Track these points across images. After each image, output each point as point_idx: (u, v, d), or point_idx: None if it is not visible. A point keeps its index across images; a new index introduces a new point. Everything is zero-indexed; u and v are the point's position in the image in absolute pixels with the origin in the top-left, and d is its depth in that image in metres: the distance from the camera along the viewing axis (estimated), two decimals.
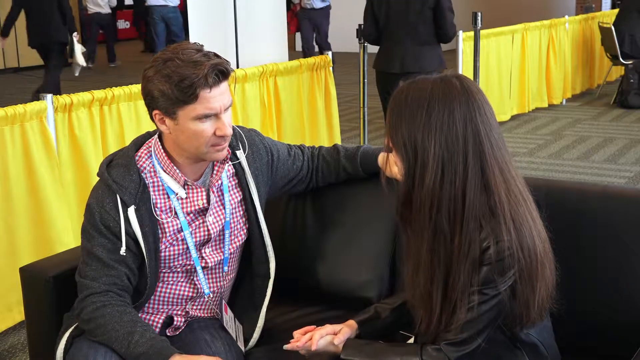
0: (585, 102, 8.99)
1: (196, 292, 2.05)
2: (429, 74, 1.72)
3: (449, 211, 1.64)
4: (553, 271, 1.73)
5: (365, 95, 5.43)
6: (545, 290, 1.70)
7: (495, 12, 13.55)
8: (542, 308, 1.72)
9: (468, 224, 1.63)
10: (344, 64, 9.99)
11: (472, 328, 1.66)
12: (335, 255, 2.29)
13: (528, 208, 1.68)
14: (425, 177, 1.64)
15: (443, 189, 1.63)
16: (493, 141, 1.65)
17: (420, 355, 1.70)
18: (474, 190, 1.63)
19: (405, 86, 1.70)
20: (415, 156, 1.65)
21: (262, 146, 2.15)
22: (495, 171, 1.64)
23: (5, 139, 3.35)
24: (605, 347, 2.03)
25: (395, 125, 1.67)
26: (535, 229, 1.68)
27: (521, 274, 1.64)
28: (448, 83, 1.66)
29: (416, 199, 1.67)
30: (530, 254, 1.64)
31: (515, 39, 7.83)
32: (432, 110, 1.63)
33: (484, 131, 1.64)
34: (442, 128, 1.62)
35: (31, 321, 2.21)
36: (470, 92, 1.66)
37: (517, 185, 1.68)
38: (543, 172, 5.90)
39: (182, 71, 1.81)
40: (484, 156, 1.63)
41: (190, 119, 1.85)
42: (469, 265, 1.64)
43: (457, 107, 1.63)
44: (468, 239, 1.63)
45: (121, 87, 3.84)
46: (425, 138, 1.63)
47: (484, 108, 1.66)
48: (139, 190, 1.92)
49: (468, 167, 1.63)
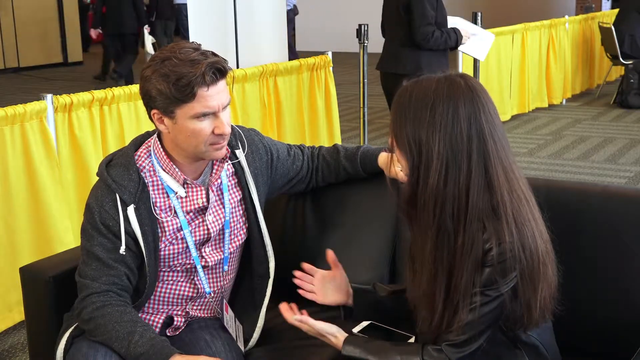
0: (585, 102, 8.99)
1: (196, 292, 2.05)
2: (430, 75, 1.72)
3: (453, 210, 1.64)
4: (555, 272, 1.72)
5: (365, 95, 5.43)
6: (547, 291, 1.70)
7: (495, 12, 13.56)
8: (545, 309, 1.72)
9: (471, 223, 1.63)
10: (344, 64, 9.99)
11: (473, 329, 1.65)
12: (336, 255, 2.29)
13: (530, 208, 1.68)
14: (430, 176, 1.64)
15: (447, 188, 1.63)
16: (497, 140, 1.65)
17: (421, 355, 1.70)
18: (477, 189, 1.63)
19: (410, 85, 1.70)
20: (420, 155, 1.65)
21: (261, 146, 2.15)
22: (499, 170, 1.64)
23: (5, 139, 3.35)
24: (605, 347, 2.03)
25: (400, 124, 1.67)
26: (538, 229, 1.67)
27: (523, 275, 1.64)
28: (452, 82, 1.66)
29: (420, 197, 1.67)
30: (532, 254, 1.64)
31: (515, 39, 7.83)
32: (437, 109, 1.63)
33: (488, 130, 1.64)
34: (446, 127, 1.62)
35: (31, 321, 2.21)
36: (475, 90, 1.66)
37: (520, 185, 1.68)
38: (543, 172, 5.90)
39: (179, 70, 1.81)
40: (487, 155, 1.64)
41: (188, 117, 1.85)
42: (471, 265, 1.64)
43: (462, 106, 1.63)
44: (471, 238, 1.63)
45: (121, 87, 3.84)
46: (429, 137, 1.63)
47: (488, 107, 1.66)
48: (139, 189, 1.92)
49: (472, 166, 1.63)
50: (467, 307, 1.65)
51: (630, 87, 8.45)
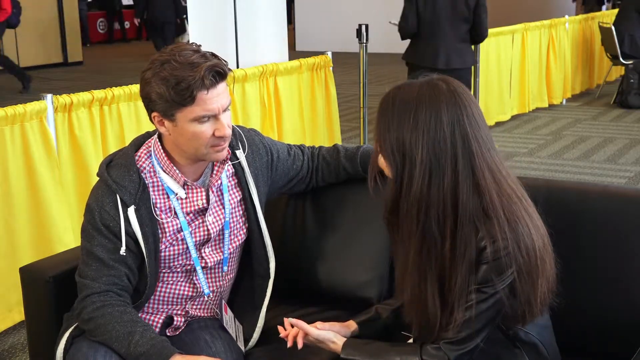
0: (585, 102, 8.99)
1: (196, 291, 2.05)
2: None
3: (438, 215, 1.64)
4: (553, 265, 1.72)
5: (365, 95, 5.43)
6: (546, 285, 1.70)
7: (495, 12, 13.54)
8: (544, 303, 1.72)
9: (463, 227, 1.63)
10: (344, 64, 9.99)
11: (471, 327, 1.66)
12: (335, 255, 2.29)
13: (523, 205, 1.68)
14: (413, 182, 1.64)
15: (431, 193, 1.63)
16: (481, 142, 1.65)
17: (420, 355, 1.70)
18: (466, 192, 1.63)
19: (392, 91, 1.70)
20: (403, 161, 1.65)
21: (261, 146, 2.15)
22: (485, 172, 1.64)
23: (5, 139, 3.35)
24: (605, 347, 2.03)
25: (383, 130, 1.68)
26: (533, 224, 1.67)
27: (520, 273, 1.64)
28: (434, 86, 1.66)
29: (403, 204, 1.67)
30: (528, 252, 1.64)
31: (515, 39, 7.83)
32: (419, 114, 1.63)
33: (472, 133, 1.64)
34: (429, 132, 1.62)
35: (31, 321, 2.21)
36: (457, 93, 1.65)
37: (510, 184, 1.68)
38: (543, 172, 5.90)
39: (178, 73, 1.80)
40: (473, 158, 1.63)
41: (188, 120, 1.85)
42: (466, 267, 1.64)
43: (444, 110, 1.63)
44: (464, 242, 1.63)
45: (121, 87, 3.84)
46: (412, 143, 1.63)
47: (471, 108, 1.66)
48: (139, 190, 1.92)
49: (458, 170, 1.62)
50: (463, 306, 1.65)
51: (630, 87, 8.45)
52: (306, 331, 1.87)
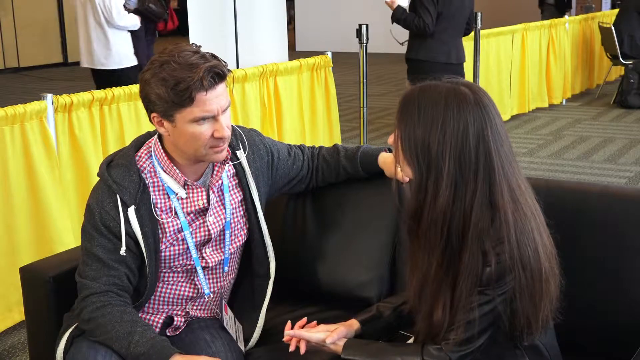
0: (585, 102, 8.99)
1: (196, 292, 2.05)
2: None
3: (459, 228, 1.63)
4: (557, 286, 1.72)
5: (365, 95, 5.42)
6: (549, 307, 1.70)
7: (495, 12, 13.55)
8: (545, 322, 1.72)
9: (473, 241, 1.63)
10: (344, 64, 9.99)
11: (473, 328, 1.65)
12: (335, 255, 2.29)
13: (536, 222, 1.67)
14: (439, 193, 1.62)
15: (455, 206, 1.62)
16: (504, 156, 1.64)
17: (422, 355, 1.70)
18: (480, 207, 1.62)
19: (417, 93, 1.67)
20: (429, 169, 1.63)
21: (262, 146, 2.15)
22: (504, 190, 1.62)
23: (5, 139, 3.35)
24: (605, 347, 2.03)
25: (408, 138, 1.65)
26: (542, 243, 1.66)
27: (522, 294, 1.63)
28: (460, 95, 1.63)
29: (427, 214, 1.65)
30: (533, 274, 1.63)
31: (515, 39, 7.83)
32: (447, 126, 1.61)
33: (495, 148, 1.62)
34: (456, 145, 1.61)
35: (31, 321, 2.21)
36: (483, 105, 1.64)
37: (527, 199, 1.66)
38: (543, 172, 5.90)
39: (177, 74, 1.80)
40: (493, 173, 1.62)
41: (187, 121, 1.85)
42: (471, 281, 1.64)
43: (471, 123, 1.61)
44: (474, 256, 1.63)
45: (121, 87, 3.84)
46: (439, 153, 1.62)
47: (495, 121, 1.64)
48: (139, 190, 1.92)
49: (477, 185, 1.62)
50: (466, 307, 1.65)
51: (630, 87, 8.45)
52: (307, 339, 1.87)
